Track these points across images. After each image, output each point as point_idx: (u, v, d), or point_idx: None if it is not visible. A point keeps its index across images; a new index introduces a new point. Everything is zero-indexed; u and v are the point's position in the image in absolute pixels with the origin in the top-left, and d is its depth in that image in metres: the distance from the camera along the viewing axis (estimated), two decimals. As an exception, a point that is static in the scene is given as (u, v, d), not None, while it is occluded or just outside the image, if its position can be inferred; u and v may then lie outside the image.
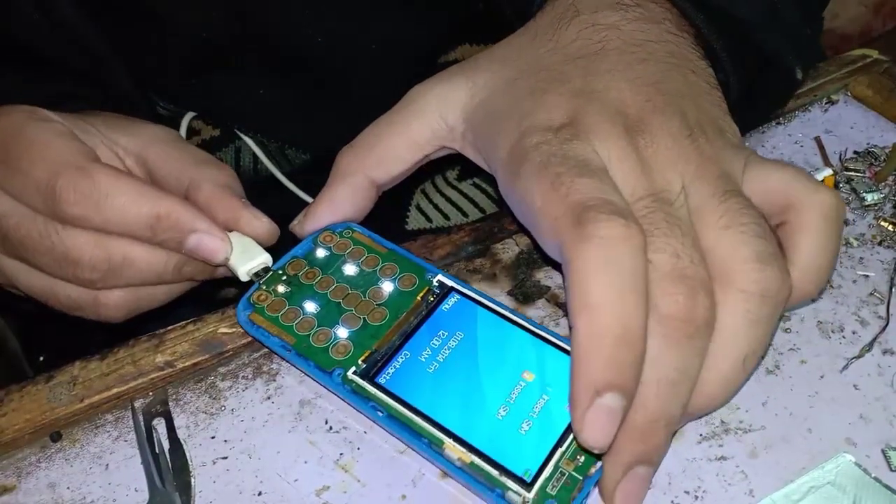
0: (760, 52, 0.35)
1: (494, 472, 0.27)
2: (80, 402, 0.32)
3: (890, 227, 0.37)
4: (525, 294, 0.35)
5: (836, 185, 0.39)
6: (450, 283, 0.32)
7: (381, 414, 0.29)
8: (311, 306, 0.32)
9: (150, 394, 0.32)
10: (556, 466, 0.27)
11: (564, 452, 0.27)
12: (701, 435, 0.30)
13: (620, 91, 0.29)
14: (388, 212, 0.38)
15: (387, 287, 0.32)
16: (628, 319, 0.24)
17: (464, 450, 0.27)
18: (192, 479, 0.29)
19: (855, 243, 0.36)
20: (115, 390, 0.32)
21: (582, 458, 0.27)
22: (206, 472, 0.30)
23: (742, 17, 0.34)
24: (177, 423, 0.31)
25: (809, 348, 0.32)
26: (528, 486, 0.26)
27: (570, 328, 0.25)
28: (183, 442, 0.30)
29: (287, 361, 0.32)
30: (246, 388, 0.32)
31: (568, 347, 0.29)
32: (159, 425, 0.31)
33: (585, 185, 0.26)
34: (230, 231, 0.35)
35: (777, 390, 0.31)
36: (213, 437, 0.31)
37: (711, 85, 0.32)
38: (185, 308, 0.39)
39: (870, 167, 0.40)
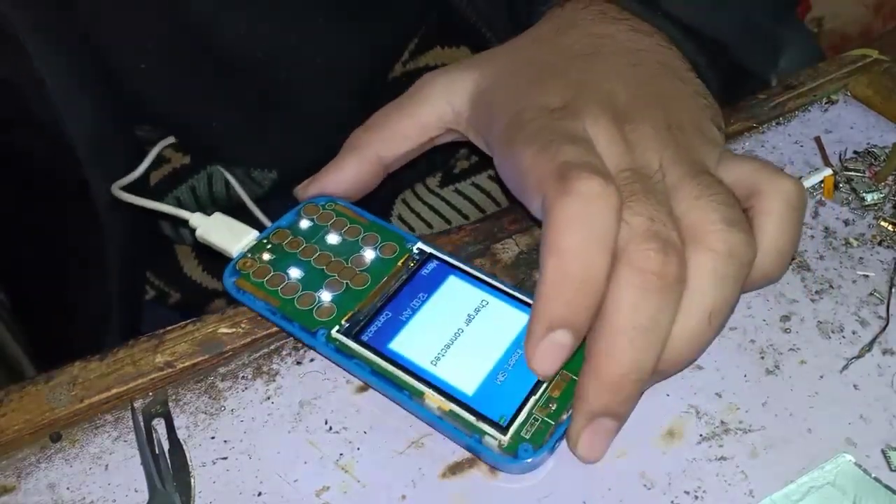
0: (739, 67, 0.38)
1: (472, 419, 0.28)
2: (79, 403, 0.32)
3: (890, 227, 0.37)
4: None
5: (836, 185, 0.39)
6: (429, 249, 0.34)
7: (364, 370, 0.30)
8: (295, 272, 0.33)
9: (150, 394, 0.32)
10: (530, 413, 0.28)
11: (538, 401, 0.29)
12: (701, 435, 0.30)
13: (612, 85, 0.32)
14: None
15: (368, 255, 0.34)
16: (592, 268, 0.26)
17: (443, 399, 0.29)
18: (192, 480, 0.29)
19: (855, 243, 0.36)
20: (114, 391, 0.32)
21: (554, 406, 0.29)
22: (206, 472, 0.30)
23: (720, 38, 0.36)
24: (176, 423, 0.31)
25: (809, 348, 0.32)
26: (504, 430, 0.28)
27: (539, 273, 0.27)
28: (183, 442, 0.30)
29: (273, 323, 0.33)
30: (246, 388, 0.32)
31: None
32: (159, 426, 0.31)
33: (572, 149, 0.28)
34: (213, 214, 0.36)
35: (777, 390, 0.31)
36: (212, 438, 0.31)
37: (698, 92, 0.34)
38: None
39: (870, 167, 0.40)
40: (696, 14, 0.36)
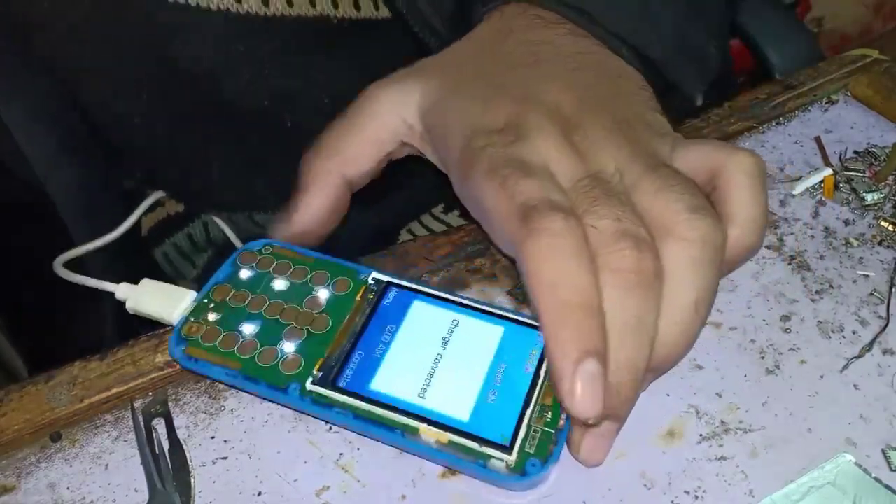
0: (668, 83, 0.37)
1: (474, 445, 0.27)
2: (79, 403, 0.32)
3: (890, 227, 0.37)
4: (525, 294, 0.35)
5: (836, 185, 0.39)
6: (385, 278, 0.32)
7: (347, 417, 0.29)
8: (248, 328, 0.31)
9: (150, 394, 0.32)
10: (529, 426, 0.28)
11: (532, 412, 0.28)
12: (701, 435, 0.30)
13: (556, 94, 0.32)
14: (375, 253, 0.38)
15: (322, 294, 0.32)
16: (584, 290, 0.26)
17: (439, 431, 0.28)
18: (192, 480, 0.29)
19: (855, 243, 0.36)
20: (114, 390, 0.32)
21: (549, 415, 0.28)
22: (206, 472, 0.30)
23: (650, 54, 0.36)
24: (176, 423, 0.31)
25: (809, 348, 0.32)
26: (508, 449, 0.27)
27: (538, 315, 0.27)
28: (183, 442, 0.30)
29: (237, 388, 0.31)
30: (246, 388, 0.32)
31: (511, 315, 0.31)
32: (159, 425, 0.31)
33: (529, 185, 0.28)
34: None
35: (777, 390, 0.31)
36: (212, 438, 0.31)
37: (640, 86, 0.34)
38: None
39: (870, 167, 0.40)
40: (629, 28, 0.36)
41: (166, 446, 0.30)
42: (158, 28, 0.39)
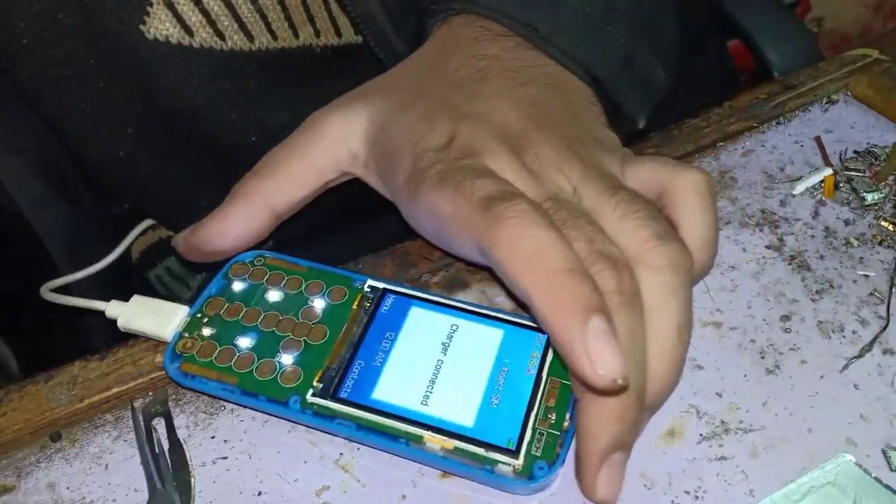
0: (611, 103, 0.37)
1: (480, 451, 0.27)
2: (79, 402, 0.32)
3: (890, 227, 0.37)
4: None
5: (836, 185, 0.39)
6: (381, 285, 0.32)
7: (350, 428, 0.28)
8: (244, 341, 0.31)
9: (150, 394, 0.32)
10: (534, 429, 0.28)
11: (537, 415, 0.28)
12: (701, 435, 0.30)
13: (503, 112, 0.32)
14: (377, 253, 0.38)
15: (318, 304, 0.32)
16: (567, 255, 0.26)
17: (444, 438, 0.27)
18: (192, 479, 0.29)
19: (855, 243, 0.36)
20: (114, 390, 0.32)
21: (553, 416, 0.28)
22: (206, 472, 0.30)
23: (597, 74, 0.35)
24: (176, 422, 0.31)
25: (809, 348, 0.32)
26: (515, 453, 0.27)
27: (524, 297, 0.26)
28: (183, 442, 0.30)
29: (235, 404, 0.31)
30: (246, 388, 0.32)
31: (510, 318, 0.31)
32: (159, 425, 0.31)
33: (486, 183, 0.28)
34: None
35: (777, 390, 0.31)
36: (212, 437, 0.31)
37: (588, 101, 0.34)
38: None
39: (870, 167, 0.40)
40: (574, 45, 0.35)
41: (166, 446, 0.30)
42: (141, 65, 0.38)
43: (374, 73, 0.36)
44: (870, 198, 0.38)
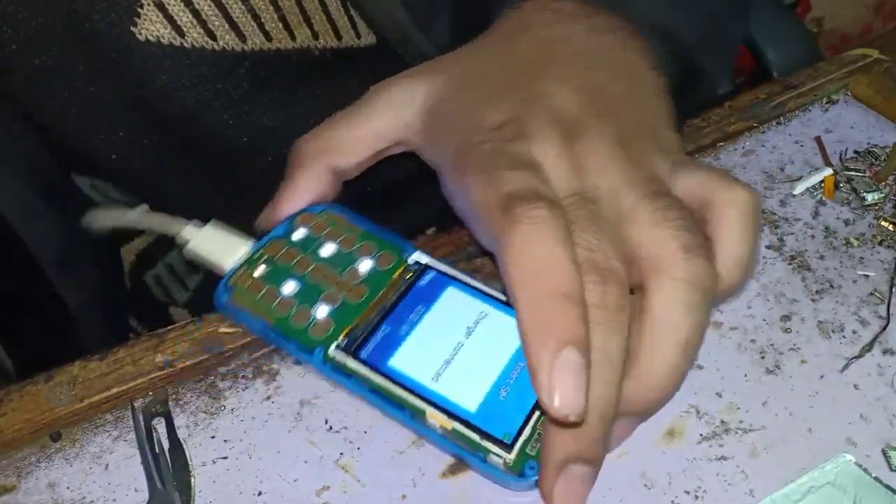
0: (695, 70, 0.36)
1: (475, 437, 0.27)
2: (79, 402, 0.32)
3: (890, 227, 0.37)
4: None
5: (836, 185, 0.39)
6: (426, 260, 0.33)
7: (363, 388, 0.29)
8: (289, 287, 0.32)
9: (150, 394, 0.32)
10: (535, 428, 0.28)
11: (541, 416, 0.28)
12: (701, 435, 0.30)
13: (563, 98, 0.31)
14: None
15: (364, 266, 0.33)
16: (566, 280, 0.25)
17: (445, 417, 0.28)
18: (192, 479, 0.29)
19: (855, 243, 0.36)
20: (114, 390, 0.32)
21: None
22: (206, 471, 0.30)
23: (686, 41, 0.35)
24: (177, 422, 0.31)
25: (809, 348, 0.32)
26: (509, 448, 0.27)
27: (515, 306, 0.26)
28: (183, 442, 0.30)
29: (268, 341, 0.32)
30: (246, 387, 0.32)
31: None
32: (159, 425, 0.31)
33: (516, 176, 0.27)
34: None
35: (777, 390, 0.31)
36: (213, 437, 0.31)
37: (656, 93, 0.33)
38: None
39: (870, 167, 0.40)
40: (661, 12, 0.35)
41: (166, 446, 0.30)
42: (133, 67, 0.38)
43: (376, 77, 0.36)
44: (870, 198, 0.38)
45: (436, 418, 0.28)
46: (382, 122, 0.35)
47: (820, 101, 0.44)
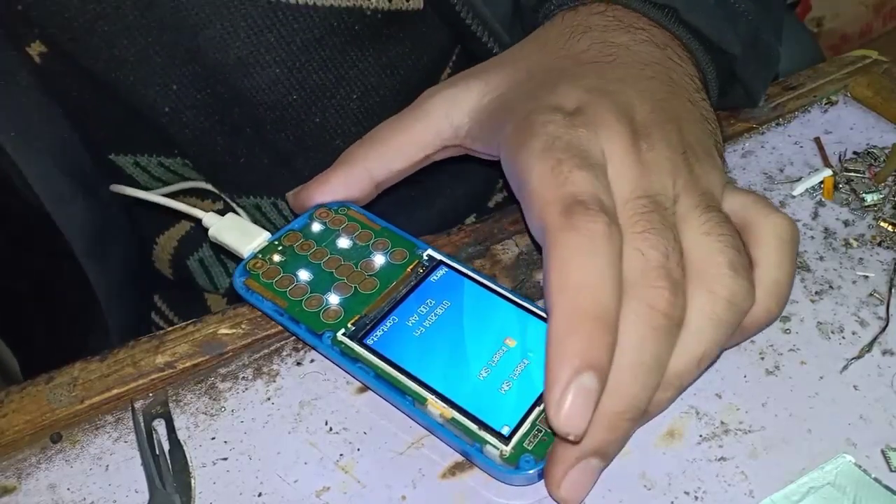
0: (739, 81, 0.38)
1: (474, 427, 0.28)
2: (80, 403, 0.32)
3: (890, 228, 0.37)
4: (525, 295, 0.35)
5: (835, 186, 0.39)
6: (439, 256, 0.34)
7: (368, 374, 0.30)
8: (304, 274, 0.33)
9: (151, 395, 0.32)
10: (534, 424, 0.28)
11: (542, 412, 0.28)
12: (701, 436, 0.30)
13: (630, 97, 0.31)
14: None
15: (378, 260, 0.34)
16: (606, 304, 0.25)
17: (445, 406, 0.28)
18: (193, 480, 0.29)
19: (855, 244, 0.36)
20: (115, 391, 0.32)
21: None
22: (206, 472, 0.30)
23: (730, 51, 0.36)
24: (177, 424, 0.31)
25: (809, 349, 0.32)
26: (506, 440, 0.28)
27: (547, 309, 0.26)
28: (183, 443, 0.30)
29: (279, 324, 0.34)
30: (246, 389, 0.32)
31: (545, 315, 0.30)
32: (159, 426, 0.31)
33: (582, 178, 0.27)
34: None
35: (777, 391, 0.31)
36: (213, 438, 0.31)
37: (705, 116, 0.34)
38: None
39: (869, 168, 0.40)
40: (713, 25, 0.35)
41: (166, 447, 0.30)
42: (187, 17, 0.38)
43: (423, 43, 0.37)
44: (869, 199, 0.38)
45: (436, 407, 0.29)
46: (428, 129, 0.35)
47: (819, 102, 0.44)
